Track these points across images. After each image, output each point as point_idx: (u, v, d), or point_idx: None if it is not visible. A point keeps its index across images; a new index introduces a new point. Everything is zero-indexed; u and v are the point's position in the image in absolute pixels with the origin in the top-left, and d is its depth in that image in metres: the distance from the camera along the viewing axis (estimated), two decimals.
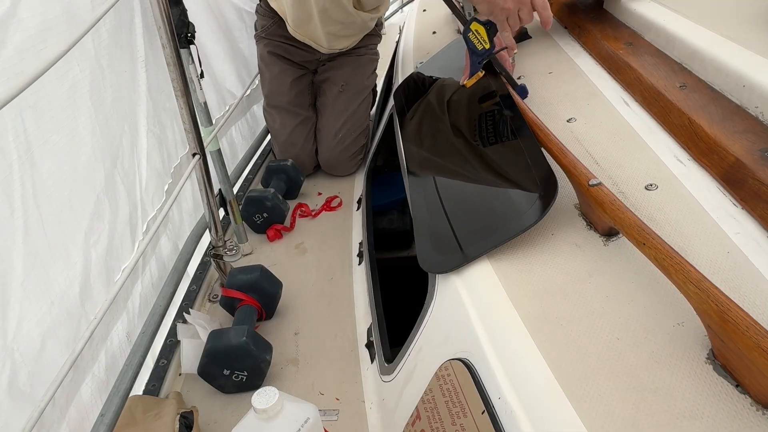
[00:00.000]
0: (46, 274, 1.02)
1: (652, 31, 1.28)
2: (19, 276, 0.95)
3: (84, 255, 1.13)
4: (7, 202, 0.93)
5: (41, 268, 1.01)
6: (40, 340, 0.99)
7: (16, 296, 0.94)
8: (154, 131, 1.44)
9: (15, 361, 0.93)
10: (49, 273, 1.03)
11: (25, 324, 0.96)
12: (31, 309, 0.98)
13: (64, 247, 1.07)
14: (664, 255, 0.67)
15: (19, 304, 0.95)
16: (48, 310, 1.01)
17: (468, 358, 0.79)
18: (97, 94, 1.18)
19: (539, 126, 1.02)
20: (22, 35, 0.94)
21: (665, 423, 0.59)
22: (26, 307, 0.96)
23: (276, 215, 1.78)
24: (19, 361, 0.94)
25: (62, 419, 1.03)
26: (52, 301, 1.02)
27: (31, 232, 0.98)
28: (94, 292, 1.14)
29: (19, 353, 0.94)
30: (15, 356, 0.93)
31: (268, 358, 1.23)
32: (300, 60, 2.06)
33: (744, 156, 0.86)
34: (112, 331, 1.23)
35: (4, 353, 0.91)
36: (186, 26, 1.38)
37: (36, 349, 0.98)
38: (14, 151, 0.94)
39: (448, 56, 1.39)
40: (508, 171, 1.02)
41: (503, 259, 0.88)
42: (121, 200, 1.27)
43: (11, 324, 0.93)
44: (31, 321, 0.97)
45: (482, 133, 1.16)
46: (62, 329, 1.04)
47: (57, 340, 1.02)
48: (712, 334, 0.63)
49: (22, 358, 0.95)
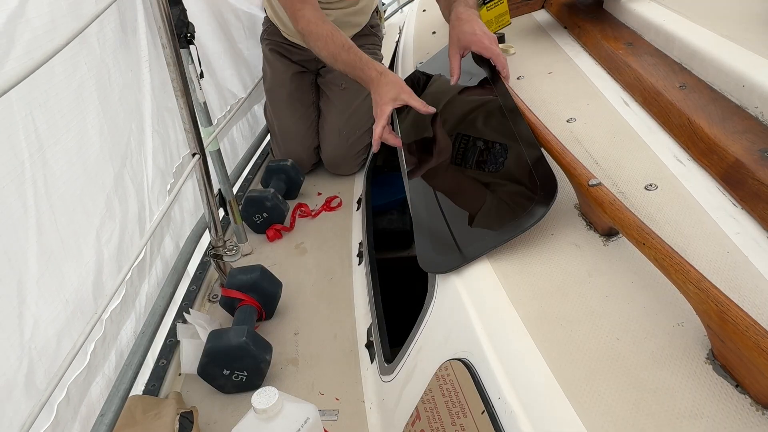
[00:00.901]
0: (60, 273, 1.03)
1: (652, 31, 1.29)
2: (35, 275, 0.96)
3: (96, 253, 1.13)
4: (20, 201, 0.93)
5: (55, 266, 1.01)
6: (55, 339, 0.99)
7: (32, 295, 0.95)
8: (158, 130, 1.44)
9: (32, 359, 0.94)
10: (63, 271, 1.03)
11: (41, 322, 0.96)
12: (46, 307, 0.98)
13: (76, 246, 1.07)
14: (663, 255, 0.67)
15: (35, 303, 0.95)
16: (63, 308, 1.02)
17: (468, 358, 0.79)
18: (104, 93, 1.19)
19: (539, 126, 1.02)
20: (30, 35, 0.95)
21: (665, 423, 0.59)
22: (42, 305, 0.97)
23: (276, 215, 1.78)
24: (36, 359, 0.94)
25: (75, 418, 1.03)
26: (66, 299, 1.03)
27: (44, 230, 0.98)
28: (106, 290, 1.15)
29: (36, 351, 0.95)
30: (32, 354, 0.94)
31: (268, 358, 1.23)
32: (299, 59, 2.07)
33: (744, 156, 0.86)
34: (121, 330, 1.23)
35: (21, 351, 0.92)
36: (186, 26, 1.38)
37: (52, 347, 0.98)
38: (26, 150, 0.95)
39: (447, 57, 1.39)
40: (508, 171, 1.02)
41: (503, 259, 0.88)
42: (131, 199, 1.28)
43: (28, 323, 0.93)
44: (46, 319, 0.98)
45: (481, 133, 1.16)
46: (76, 327, 1.05)
47: (71, 338, 1.03)
48: (712, 334, 0.63)
49: (39, 356, 0.95)
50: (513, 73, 1.43)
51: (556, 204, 0.95)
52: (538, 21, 1.75)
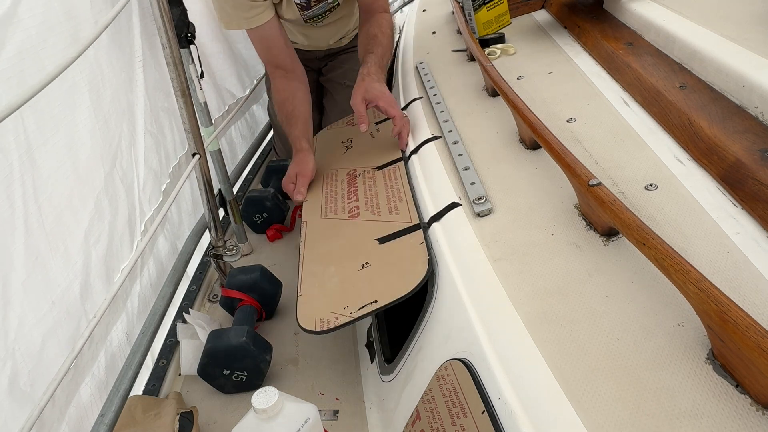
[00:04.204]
0: (47, 274, 1.02)
1: (652, 31, 1.29)
2: (21, 276, 0.95)
3: (85, 255, 1.13)
4: (8, 202, 0.93)
5: (42, 267, 1.00)
6: (40, 340, 0.99)
7: (17, 296, 0.94)
8: (151, 131, 1.44)
9: (16, 361, 0.93)
10: (50, 273, 1.03)
11: (26, 324, 0.96)
12: (31, 309, 0.97)
13: (64, 247, 1.07)
14: (664, 255, 0.67)
15: (20, 304, 0.95)
16: (49, 309, 1.01)
17: (468, 358, 0.79)
18: (96, 94, 1.18)
19: (539, 126, 1.02)
20: (23, 35, 0.94)
21: (665, 423, 0.59)
22: (27, 307, 0.96)
23: (276, 215, 1.78)
24: (20, 361, 0.94)
25: (62, 419, 1.03)
26: (53, 301, 1.02)
27: (32, 231, 0.98)
28: (94, 292, 1.14)
29: (20, 353, 0.94)
30: (16, 356, 0.93)
31: (268, 358, 1.23)
32: (301, 58, 2.07)
33: (744, 156, 0.86)
34: (111, 331, 1.23)
35: (5, 353, 0.91)
36: (186, 26, 1.38)
37: (37, 349, 0.98)
38: (14, 150, 0.94)
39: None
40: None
41: (503, 259, 0.89)
42: (121, 200, 1.27)
43: (12, 324, 0.93)
44: (31, 321, 0.97)
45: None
46: (63, 329, 1.04)
47: (57, 340, 1.02)
48: (712, 334, 0.63)
49: (23, 359, 0.95)
50: (513, 73, 1.43)
51: (556, 204, 0.96)
52: (538, 21, 1.75)
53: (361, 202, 1.29)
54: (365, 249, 1.13)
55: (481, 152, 1.19)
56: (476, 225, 0.99)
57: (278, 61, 1.74)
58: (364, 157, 1.47)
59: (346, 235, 1.22)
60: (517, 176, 1.07)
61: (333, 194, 1.40)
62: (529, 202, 0.99)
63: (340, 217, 1.29)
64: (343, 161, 1.52)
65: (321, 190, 1.45)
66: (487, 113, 1.33)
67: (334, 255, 1.18)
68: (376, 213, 1.23)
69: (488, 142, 1.21)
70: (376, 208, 1.24)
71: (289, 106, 1.66)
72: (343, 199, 1.35)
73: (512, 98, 1.14)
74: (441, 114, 1.38)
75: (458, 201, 1.06)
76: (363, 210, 1.26)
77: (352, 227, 1.23)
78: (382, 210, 1.22)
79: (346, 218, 1.27)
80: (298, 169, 1.50)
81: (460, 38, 1.83)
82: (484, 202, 1.02)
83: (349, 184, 1.39)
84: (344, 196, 1.36)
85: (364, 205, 1.28)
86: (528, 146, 1.14)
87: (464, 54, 1.72)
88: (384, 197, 1.26)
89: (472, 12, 1.66)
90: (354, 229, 1.22)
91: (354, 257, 1.13)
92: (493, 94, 1.39)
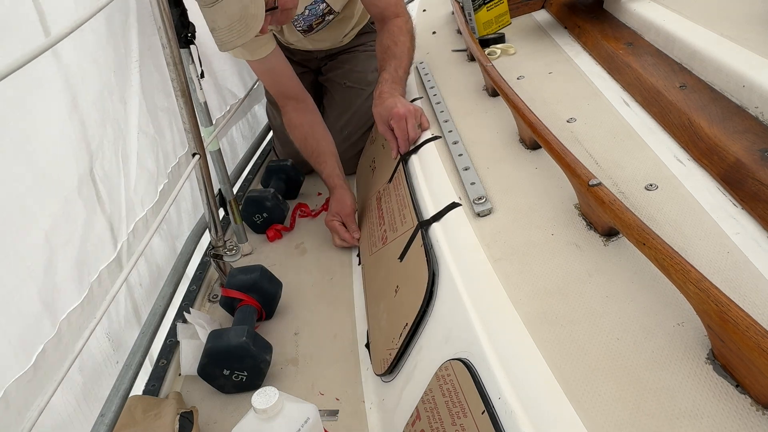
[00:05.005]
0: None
1: (652, 31, 1.29)
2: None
3: (46, 255, 1.07)
4: None
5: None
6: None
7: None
8: (146, 131, 1.42)
9: None
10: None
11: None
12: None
13: (12, 247, 1.00)
14: (664, 255, 0.67)
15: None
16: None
17: (468, 358, 0.79)
18: (70, 95, 1.13)
19: (539, 126, 1.02)
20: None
21: (665, 423, 0.59)
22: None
23: (276, 215, 1.78)
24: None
25: (20, 422, 0.99)
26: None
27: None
28: (61, 292, 1.08)
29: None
30: None
31: (268, 358, 1.23)
32: (300, 59, 2.07)
33: (744, 156, 0.86)
34: (85, 331, 1.18)
35: None
36: (186, 27, 1.38)
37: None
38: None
39: None
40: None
41: (503, 259, 0.89)
42: (101, 201, 1.24)
43: None
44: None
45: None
46: (12, 329, 0.97)
47: (9, 341, 0.96)
48: (712, 334, 0.63)
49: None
50: (513, 73, 1.43)
51: (556, 204, 0.96)
52: (538, 21, 1.75)
53: (387, 224, 1.30)
54: (395, 272, 1.14)
55: (481, 152, 1.19)
56: (476, 225, 0.99)
57: (289, 93, 1.76)
58: (384, 174, 1.48)
59: (384, 265, 1.23)
60: (517, 176, 1.08)
61: (371, 225, 1.43)
62: (529, 202, 0.99)
63: (379, 248, 1.30)
64: (373, 186, 1.55)
65: (365, 224, 1.49)
66: (487, 113, 1.34)
67: (382, 290, 1.19)
68: (394, 229, 1.23)
69: (488, 142, 1.22)
70: (393, 224, 1.25)
71: (312, 143, 1.70)
72: (377, 227, 1.37)
73: (512, 98, 1.14)
74: (441, 114, 1.38)
75: (458, 201, 1.06)
76: (389, 231, 1.27)
77: (385, 254, 1.24)
78: (397, 224, 1.22)
79: (381, 246, 1.28)
80: (338, 208, 1.56)
81: (460, 38, 1.83)
82: (484, 202, 1.02)
83: (378, 209, 1.41)
84: (378, 224, 1.37)
85: (388, 226, 1.28)
86: (528, 146, 1.14)
87: (464, 54, 1.72)
88: (396, 209, 1.26)
89: (472, 12, 1.66)
90: (387, 254, 1.23)
91: (390, 285, 1.14)
92: (493, 94, 1.39)
